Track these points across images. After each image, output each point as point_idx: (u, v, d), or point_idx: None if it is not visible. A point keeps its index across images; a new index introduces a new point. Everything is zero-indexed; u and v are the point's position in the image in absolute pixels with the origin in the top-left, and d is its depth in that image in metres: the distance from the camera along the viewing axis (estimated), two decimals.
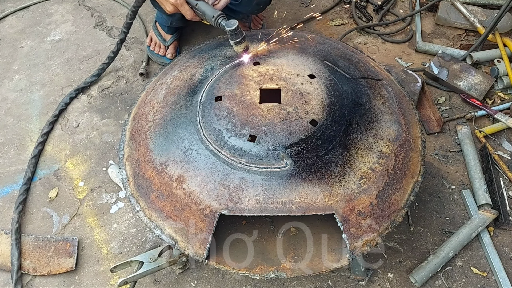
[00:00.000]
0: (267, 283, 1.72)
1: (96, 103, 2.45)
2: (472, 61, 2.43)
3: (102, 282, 1.77)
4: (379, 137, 1.31)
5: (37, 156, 2.18)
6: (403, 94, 1.54)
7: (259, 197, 1.18)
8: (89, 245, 1.88)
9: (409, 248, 1.81)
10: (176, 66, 1.59)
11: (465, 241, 1.77)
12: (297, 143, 1.22)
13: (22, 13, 3.08)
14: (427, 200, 1.95)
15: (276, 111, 1.27)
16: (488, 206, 1.86)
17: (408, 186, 1.31)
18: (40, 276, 1.79)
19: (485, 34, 2.40)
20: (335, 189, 1.19)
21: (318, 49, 1.57)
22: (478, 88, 2.32)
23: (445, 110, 2.30)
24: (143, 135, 1.40)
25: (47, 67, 2.67)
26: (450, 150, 2.14)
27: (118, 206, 2.01)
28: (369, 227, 1.21)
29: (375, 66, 1.61)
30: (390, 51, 2.66)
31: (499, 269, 1.71)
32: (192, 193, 1.23)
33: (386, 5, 2.92)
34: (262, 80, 1.36)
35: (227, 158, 1.23)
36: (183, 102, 1.40)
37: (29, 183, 2.07)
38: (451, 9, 2.72)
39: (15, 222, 1.89)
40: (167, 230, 1.26)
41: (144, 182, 1.33)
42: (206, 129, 1.29)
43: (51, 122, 2.30)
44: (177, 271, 1.75)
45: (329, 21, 2.89)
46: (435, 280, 1.71)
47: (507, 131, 2.18)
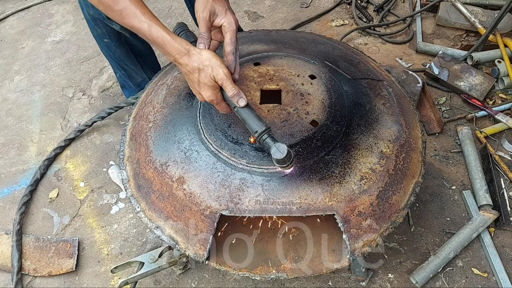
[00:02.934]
0: (268, 283, 1.72)
1: (97, 103, 2.45)
2: (472, 61, 2.43)
3: (102, 282, 1.77)
4: (380, 138, 1.31)
5: (51, 159, 2.16)
6: (403, 95, 1.54)
7: (259, 198, 1.18)
8: (90, 246, 1.88)
9: (409, 248, 1.80)
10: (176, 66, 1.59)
11: (465, 242, 1.77)
12: (298, 143, 1.22)
13: (22, 14, 3.09)
14: (428, 201, 1.95)
15: (276, 111, 1.27)
16: (488, 206, 1.86)
17: (408, 186, 1.31)
18: (40, 276, 1.79)
19: (486, 34, 2.40)
20: (336, 190, 1.19)
21: (318, 49, 1.57)
22: (478, 89, 2.32)
23: (445, 110, 2.30)
24: (143, 136, 1.40)
25: (47, 68, 2.67)
26: (451, 150, 2.13)
27: (119, 207, 2.01)
28: (370, 227, 1.21)
29: (376, 67, 1.61)
30: (391, 52, 2.66)
31: (499, 269, 1.71)
32: (193, 194, 1.23)
33: (386, 6, 2.92)
34: (263, 80, 1.36)
35: (228, 159, 1.23)
36: (184, 103, 1.40)
37: (35, 185, 2.07)
38: (451, 10, 2.72)
39: (16, 224, 1.89)
40: (167, 231, 1.26)
41: (145, 183, 1.33)
42: (207, 129, 1.29)
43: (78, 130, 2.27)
44: (177, 272, 1.75)
45: (329, 21, 2.89)
46: (435, 281, 1.71)
47: (507, 131, 2.18)
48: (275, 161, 1.13)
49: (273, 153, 1.10)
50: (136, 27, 1.17)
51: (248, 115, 1.17)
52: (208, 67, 1.15)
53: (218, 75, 1.15)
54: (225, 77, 1.15)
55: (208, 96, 1.19)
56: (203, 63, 1.15)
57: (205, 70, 1.15)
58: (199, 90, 1.20)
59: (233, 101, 1.17)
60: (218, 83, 1.16)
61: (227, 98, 1.19)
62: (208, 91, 1.18)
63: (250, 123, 1.16)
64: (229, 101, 1.19)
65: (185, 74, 1.21)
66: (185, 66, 1.17)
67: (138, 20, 1.15)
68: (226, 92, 1.17)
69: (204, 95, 1.19)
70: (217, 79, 1.15)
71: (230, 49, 1.22)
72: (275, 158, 1.10)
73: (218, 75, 1.15)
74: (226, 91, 1.17)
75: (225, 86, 1.16)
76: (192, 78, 1.18)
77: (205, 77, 1.15)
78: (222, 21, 1.24)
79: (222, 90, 1.18)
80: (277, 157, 1.10)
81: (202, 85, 1.17)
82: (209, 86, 1.17)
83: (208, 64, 1.14)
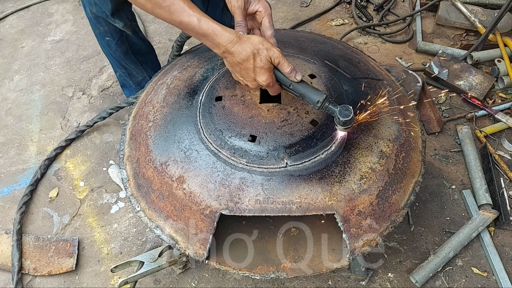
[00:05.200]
0: (267, 283, 1.72)
1: (97, 103, 2.45)
2: (472, 61, 2.43)
3: (102, 282, 1.77)
4: (380, 137, 1.31)
5: (52, 159, 2.17)
6: (403, 94, 1.54)
7: (259, 197, 1.18)
8: (90, 245, 1.88)
9: (409, 248, 1.81)
10: (176, 66, 1.59)
11: (465, 241, 1.77)
12: (298, 143, 1.22)
13: (22, 13, 3.09)
14: (428, 200, 1.95)
15: (276, 111, 1.27)
16: (488, 206, 1.86)
17: (408, 186, 1.31)
18: (40, 276, 1.79)
19: (486, 33, 2.40)
20: (336, 189, 1.19)
21: (318, 48, 1.57)
22: (478, 88, 2.32)
23: (445, 110, 2.30)
24: (143, 135, 1.40)
25: (47, 67, 2.67)
26: (451, 150, 2.14)
27: (119, 206, 2.01)
28: (370, 227, 1.21)
29: (376, 66, 1.61)
30: (391, 51, 2.66)
31: (499, 269, 1.71)
32: (193, 193, 1.23)
33: (386, 5, 2.92)
34: None
35: (228, 158, 1.23)
36: (184, 102, 1.40)
37: (35, 185, 2.07)
38: (451, 9, 2.72)
39: (16, 223, 1.89)
40: (167, 230, 1.26)
41: (145, 182, 1.33)
42: (207, 129, 1.29)
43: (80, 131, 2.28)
44: (177, 271, 1.75)
45: (329, 21, 2.89)
46: (435, 280, 1.71)
47: (507, 131, 2.18)
48: (342, 123, 1.16)
49: (341, 116, 1.14)
50: (185, 22, 1.17)
51: (305, 88, 1.21)
52: (263, 50, 1.16)
53: (274, 54, 1.17)
54: (280, 55, 1.18)
55: (264, 80, 1.19)
56: (256, 47, 1.16)
57: (260, 53, 1.16)
58: (254, 76, 1.20)
59: (290, 77, 1.20)
60: (275, 62, 1.18)
61: (280, 78, 1.22)
62: (264, 75, 1.19)
63: (309, 95, 1.19)
64: (283, 80, 1.22)
65: (236, 64, 1.20)
66: (238, 55, 1.17)
67: (186, 14, 1.17)
68: (283, 70, 1.19)
69: (260, 79, 1.20)
70: (273, 58, 1.17)
71: (271, 32, 1.27)
72: (343, 120, 1.14)
73: (274, 54, 1.17)
74: (283, 69, 1.19)
75: (281, 64, 1.18)
76: (247, 65, 1.19)
77: (261, 60, 1.17)
78: (256, 7, 1.28)
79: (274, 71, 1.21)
80: (346, 118, 1.13)
81: (258, 70, 1.18)
82: (266, 69, 1.18)
83: (262, 47, 1.16)
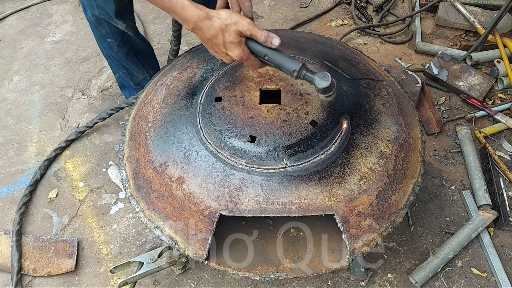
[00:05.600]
0: (267, 283, 1.72)
1: (96, 103, 2.45)
2: (472, 61, 2.43)
3: (102, 282, 1.77)
4: (379, 138, 1.31)
5: (51, 159, 2.17)
6: (403, 95, 1.54)
7: (259, 198, 1.18)
8: (89, 246, 1.88)
9: (409, 248, 1.81)
10: (176, 66, 1.59)
11: (465, 242, 1.77)
12: (297, 143, 1.22)
13: (22, 14, 3.09)
14: (427, 201, 1.95)
15: (276, 111, 1.27)
16: (488, 206, 1.86)
17: (408, 186, 1.31)
18: (40, 276, 1.79)
19: (485, 34, 2.41)
20: (335, 190, 1.19)
21: (318, 49, 1.57)
22: (478, 89, 2.32)
23: (445, 110, 2.30)
24: (143, 136, 1.40)
25: (47, 68, 2.67)
26: (450, 150, 2.14)
27: (118, 207, 2.01)
28: (369, 227, 1.21)
29: (375, 67, 1.61)
30: (390, 52, 2.66)
31: (499, 269, 1.71)
32: (192, 194, 1.23)
33: (386, 6, 2.92)
34: (262, 80, 1.36)
35: (227, 159, 1.23)
36: (183, 103, 1.40)
37: (35, 185, 2.07)
38: (451, 10, 2.72)
39: (16, 224, 1.89)
40: (167, 231, 1.26)
41: (144, 183, 1.33)
42: (206, 129, 1.29)
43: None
44: (177, 272, 1.75)
45: (329, 21, 2.89)
46: (435, 281, 1.71)
47: (507, 131, 2.18)
48: (321, 91, 1.14)
49: (319, 84, 1.11)
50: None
51: (280, 58, 1.17)
52: (231, 25, 1.15)
53: (244, 27, 1.15)
54: (250, 26, 1.15)
55: (237, 54, 1.18)
56: (224, 22, 1.15)
57: (228, 28, 1.15)
58: (226, 51, 1.20)
59: (267, 44, 1.17)
60: (247, 34, 1.16)
61: (256, 50, 1.19)
62: (236, 49, 1.18)
63: (285, 65, 1.16)
64: (258, 51, 1.19)
65: (207, 40, 1.20)
66: (207, 31, 1.17)
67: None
68: (258, 39, 1.17)
69: (232, 54, 1.19)
70: (244, 31, 1.15)
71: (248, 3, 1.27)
72: (321, 87, 1.11)
73: (244, 27, 1.15)
74: (257, 37, 1.17)
75: (254, 34, 1.16)
76: (217, 41, 1.18)
77: (230, 35, 1.16)
78: None
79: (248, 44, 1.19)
80: (324, 85, 1.11)
81: (228, 45, 1.17)
82: (236, 43, 1.17)
83: (230, 22, 1.15)
